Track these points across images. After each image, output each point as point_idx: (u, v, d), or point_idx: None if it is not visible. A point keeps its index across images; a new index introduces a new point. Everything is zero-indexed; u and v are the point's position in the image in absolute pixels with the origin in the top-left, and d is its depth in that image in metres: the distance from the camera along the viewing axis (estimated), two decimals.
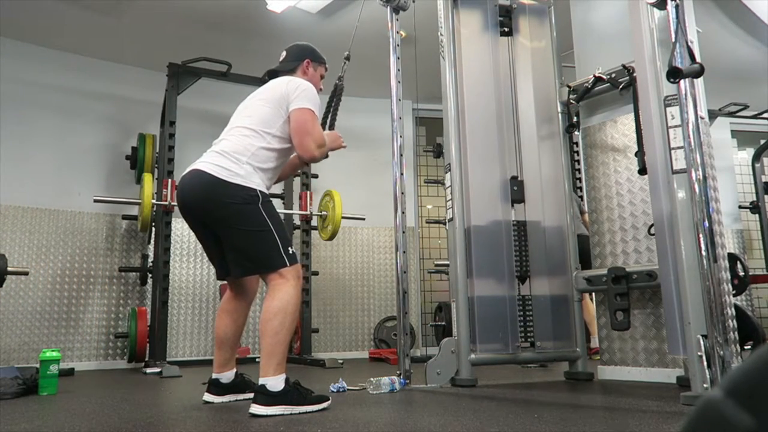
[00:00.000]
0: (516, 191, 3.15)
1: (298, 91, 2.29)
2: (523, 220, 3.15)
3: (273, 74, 2.55)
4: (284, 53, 2.59)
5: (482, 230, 3.03)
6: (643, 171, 2.70)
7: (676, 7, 2.18)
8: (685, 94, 2.13)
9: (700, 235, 2.06)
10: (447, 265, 3.53)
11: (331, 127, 2.98)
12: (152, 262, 4.62)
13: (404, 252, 3.00)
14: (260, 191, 2.19)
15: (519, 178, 3.18)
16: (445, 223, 3.21)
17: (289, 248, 2.17)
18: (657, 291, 2.80)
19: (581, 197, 4.15)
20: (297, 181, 5.42)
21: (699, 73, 2.10)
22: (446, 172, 3.11)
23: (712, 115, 5.59)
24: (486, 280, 2.98)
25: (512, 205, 3.13)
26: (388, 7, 3.18)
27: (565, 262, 3.16)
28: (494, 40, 3.30)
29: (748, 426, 0.36)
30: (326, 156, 2.40)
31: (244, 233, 2.15)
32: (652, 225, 2.71)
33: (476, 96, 3.17)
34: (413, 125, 6.22)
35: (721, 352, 1.98)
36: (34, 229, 4.74)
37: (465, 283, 2.93)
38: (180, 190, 2.27)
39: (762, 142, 6.31)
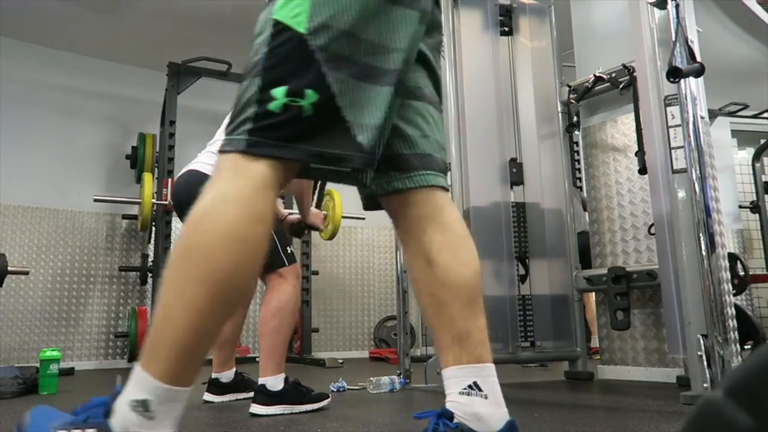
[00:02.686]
0: (515, 174, 3.18)
1: None
2: (522, 201, 3.17)
3: None
4: None
5: (482, 216, 3.04)
6: (643, 170, 2.70)
7: (677, 6, 2.18)
8: (685, 94, 2.13)
9: (700, 235, 2.06)
10: None
11: (318, 206, 2.95)
12: (152, 261, 4.62)
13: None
14: None
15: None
16: None
17: (288, 248, 2.18)
18: (657, 291, 2.80)
19: None
20: None
21: (699, 72, 2.10)
22: (446, 172, 3.11)
23: (712, 114, 5.58)
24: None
25: (511, 188, 3.17)
26: None
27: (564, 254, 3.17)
28: (494, 39, 3.29)
29: (748, 426, 0.36)
30: (305, 222, 2.45)
31: None
32: (652, 225, 2.70)
33: (476, 96, 3.16)
34: None
35: (721, 352, 1.98)
36: (34, 228, 4.73)
37: None
38: (175, 191, 2.28)
39: (762, 141, 6.29)
